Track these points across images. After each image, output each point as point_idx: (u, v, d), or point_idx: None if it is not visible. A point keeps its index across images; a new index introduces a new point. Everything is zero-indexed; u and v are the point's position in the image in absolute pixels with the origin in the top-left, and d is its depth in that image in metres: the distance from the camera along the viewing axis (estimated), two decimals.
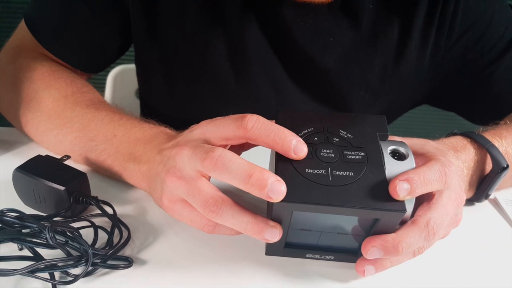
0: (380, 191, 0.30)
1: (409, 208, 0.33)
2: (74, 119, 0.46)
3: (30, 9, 0.54)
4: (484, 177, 0.45)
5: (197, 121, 0.37)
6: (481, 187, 0.45)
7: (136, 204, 0.43)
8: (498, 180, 0.44)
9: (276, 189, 0.28)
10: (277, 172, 0.31)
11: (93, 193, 0.41)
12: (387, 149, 0.34)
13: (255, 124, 0.31)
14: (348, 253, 0.35)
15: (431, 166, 0.33)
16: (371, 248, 0.31)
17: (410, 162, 0.33)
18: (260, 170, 0.29)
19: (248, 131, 0.32)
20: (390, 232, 0.32)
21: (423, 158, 0.36)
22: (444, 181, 0.33)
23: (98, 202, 0.39)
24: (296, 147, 0.31)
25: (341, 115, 0.37)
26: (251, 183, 0.29)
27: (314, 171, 0.31)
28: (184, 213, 0.34)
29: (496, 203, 0.49)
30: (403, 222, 0.33)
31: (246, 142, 0.33)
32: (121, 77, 0.88)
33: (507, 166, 0.43)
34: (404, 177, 0.30)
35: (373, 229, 0.32)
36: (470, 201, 0.47)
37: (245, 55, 0.53)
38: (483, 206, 0.48)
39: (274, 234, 0.31)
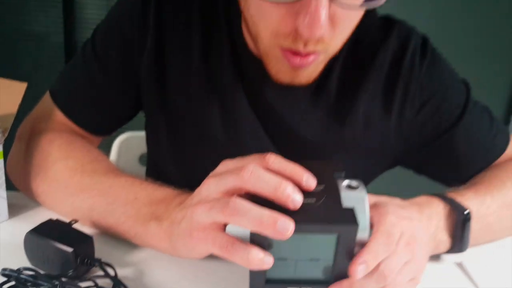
0: (337, 212, 0.35)
1: (364, 222, 0.37)
2: (93, 186, 0.50)
3: (56, 82, 0.63)
4: (454, 228, 0.49)
5: (197, 184, 0.40)
6: (454, 237, 0.49)
7: (136, 267, 0.46)
8: (466, 228, 0.48)
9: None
10: (251, 200, 0.35)
11: (97, 255, 0.44)
12: (342, 183, 0.39)
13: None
14: (323, 285, 0.38)
15: (375, 238, 0.37)
16: None
17: (361, 192, 0.38)
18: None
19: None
20: (352, 257, 0.36)
21: (376, 214, 0.40)
22: (392, 242, 0.37)
23: (102, 264, 0.43)
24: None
25: (305, 161, 0.41)
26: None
27: None
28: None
29: (462, 268, 0.52)
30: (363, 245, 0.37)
31: None
32: (126, 144, 0.93)
33: (469, 212, 0.48)
34: (360, 260, 0.35)
35: (337, 252, 0.35)
36: (451, 252, 0.50)
37: (237, 125, 0.60)
38: (450, 270, 0.51)
39: (286, 223, 0.33)
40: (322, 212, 0.35)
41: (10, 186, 0.57)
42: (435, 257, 0.51)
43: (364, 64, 0.60)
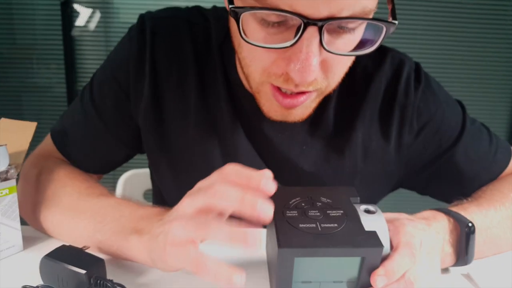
0: (360, 235, 0.37)
1: (386, 243, 0.39)
2: (87, 208, 0.53)
3: (56, 125, 0.67)
4: (459, 241, 0.50)
5: None
6: (459, 250, 0.50)
7: (147, 287, 0.47)
8: (471, 241, 0.49)
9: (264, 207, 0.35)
10: (277, 229, 0.38)
11: (109, 276, 0.46)
12: (360, 208, 0.42)
13: (221, 193, 0.38)
14: None
15: (398, 250, 0.39)
16: None
17: (379, 215, 0.40)
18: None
19: (217, 201, 0.38)
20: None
21: (393, 228, 0.42)
22: (415, 251, 0.39)
23: (114, 284, 0.44)
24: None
25: (320, 188, 0.46)
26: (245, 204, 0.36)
27: (306, 225, 0.38)
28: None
29: (470, 279, 0.52)
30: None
31: None
32: (130, 181, 0.96)
33: (473, 225, 0.49)
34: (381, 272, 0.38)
35: (361, 273, 0.37)
36: (456, 265, 0.51)
37: (237, 161, 0.60)
38: (457, 281, 0.52)
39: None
40: (346, 236, 0.37)
41: (23, 221, 0.60)
42: (442, 269, 0.52)
43: (359, 93, 0.61)
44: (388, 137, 0.61)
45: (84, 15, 1.85)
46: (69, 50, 1.87)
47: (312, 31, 0.41)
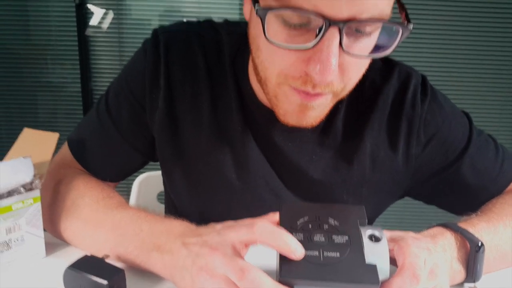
0: (359, 268, 0.38)
1: (386, 274, 0.40)
2: (107, 220, 0.55)
3: (73, 134, 0.69)
4: (468, 258, 0.51)
5: (213, 219, 0.46)
6: (468, 267, 0.51)
7: None
8: (480, 259, 0.50)
9: None
10: (281, 255, 0.39)
11: (129, 286, 0.48)
12: (365, 233, 0.43)
13: (261, 230, 0.41)
14: None
15: (402, 272, 0.40)
16: None
17: (383, 243, 0.41)
18: None
19: (256, 236, 0.41)
20: None
21: (398, 248, 0.43)
22: (419, 273, 0.40)
23: None
24: (296, 250, 0.39)
25: (330, 205, 0.47)
26: None
27: (309, 252, 0.39)
28: None
29: None
30: None
31: None
32: (145, 183, 0.99)
33: (482, 244, 0.49)
34: None
35: None
36: (465, 282, 0.52)
37: (248, 169, 0.63)
38: None
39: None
40: (345, 269, 0.38)
41: None
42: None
43: (367, 104, 0.63)
44: (396, 148, 0.63)
45: (98, 15, 1.87)
46: (84, 49, 1.90)
47: (333, 31, 0.43)
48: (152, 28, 0.65)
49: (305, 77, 0.48)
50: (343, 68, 0.48)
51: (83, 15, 1.88)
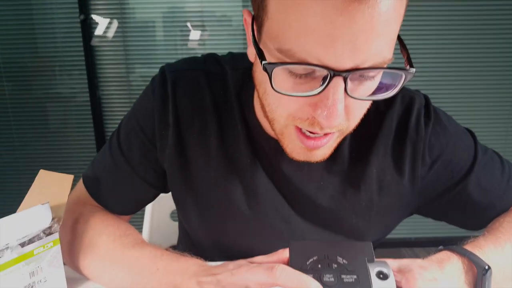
0: None
1: None
2: (124, 259, 0.57)
3: (88, 171, 0.71)
4: (476, 282, 0.52)
5: (225, 249, 0.49)
6: None
7: None
8: (488, 281, 0.51)
9: None
10: None
11: None
12: (373, 270, 0.44)
13: (282, 274, 0.43)
14: None
15: None
16: None
17: (391, 281, 0.43)
18: None
19: (277, 279, 0.43)
20: None
21: (405, 281, 0.45)
22: None
23: None
24: None
25: (338, 243, 0.49)
26: None
27: None
28: None
29: None
30: None
31: None
32: (158, 202, 1.00)
33: (489, 267, 0.50)
34: None
35: None
36: None
37: (258, 198, 0.65)
38: None
39: None
40: None
41: None
42: None
43: (372, 130, 0.64)
44: (402, 171, 0.64)
45: (102, 25, 1.89)
46: (90, 58, 1.93)
47: (338, 80, 0.44)
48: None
49: (312, 119, 0.49)
50: (349, 109, 0.49)
51: (88, 26, 1.89)
